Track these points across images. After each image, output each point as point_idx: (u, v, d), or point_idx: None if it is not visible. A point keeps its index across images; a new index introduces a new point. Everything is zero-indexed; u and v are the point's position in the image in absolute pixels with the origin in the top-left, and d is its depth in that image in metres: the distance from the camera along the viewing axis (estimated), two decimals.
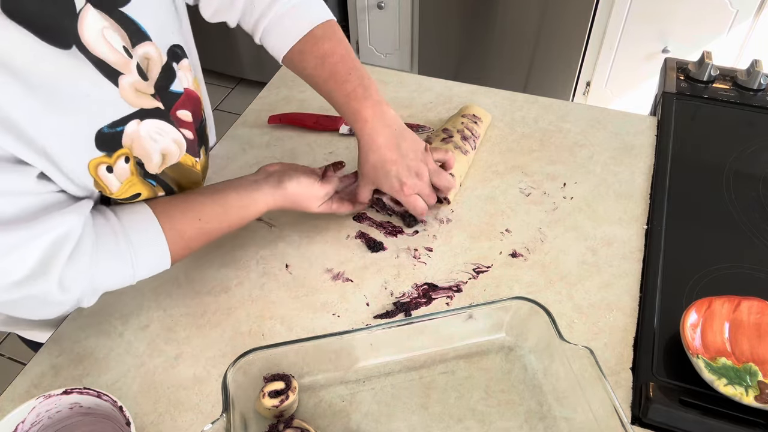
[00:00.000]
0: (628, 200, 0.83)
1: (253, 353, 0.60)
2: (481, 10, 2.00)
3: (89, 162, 0.56)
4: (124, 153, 0.59)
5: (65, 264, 0.55)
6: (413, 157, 0.73)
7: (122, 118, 0.57)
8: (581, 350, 0.59)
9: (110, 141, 0.57)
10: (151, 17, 0.59)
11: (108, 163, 0.57)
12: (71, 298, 0.57)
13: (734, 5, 1.72)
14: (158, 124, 0.61)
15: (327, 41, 0.71)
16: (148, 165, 0.62)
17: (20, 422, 0.56)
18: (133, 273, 0.61)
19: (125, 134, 0.58)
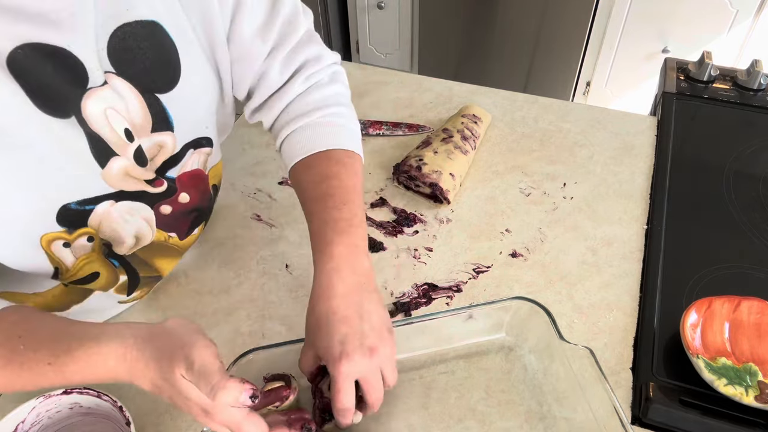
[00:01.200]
0: (628, 200, 0.83)
1: (253, 353, 0.60)
2: (481, 10, 2.00)
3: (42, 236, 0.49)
4: (87, 232, 0.53)
5: None
6: (374, 327, 0.53)
7: (95, 197, 0.51)
8: (581, 350, 0.59)
9: (75, 218, 0.51)
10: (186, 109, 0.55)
11: (66, 240, 0.51)
12: None
13: (734, 5, 1.72)
14: (133, 206, 0.56)
15: (342, 167, 0.61)
16: (118, 247, 0.57)
17: (20, 422, 0.56)
18: None
19: (94, 213, 0.52)
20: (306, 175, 0.62)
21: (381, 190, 0.86)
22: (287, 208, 0.84)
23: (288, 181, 0.88)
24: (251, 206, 0.84)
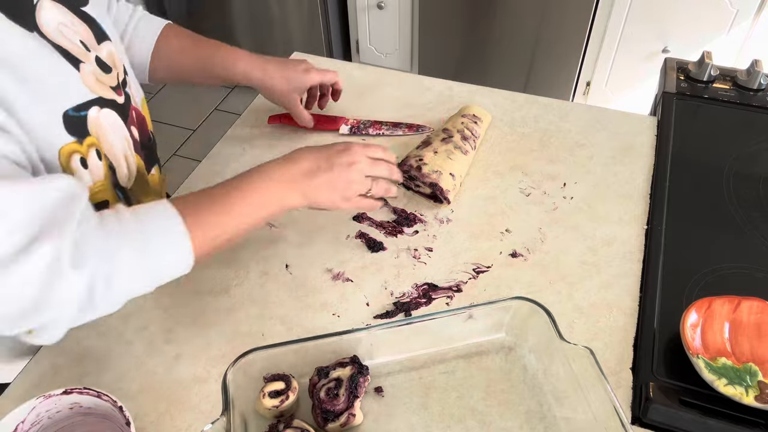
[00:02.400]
0: (628, 200, 0.83)
1: (253, 353, 0.60)
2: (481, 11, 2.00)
3: (61, 147, 0.56)
4: (93, 143, 0.60)
5: (77, 227, 0.49)
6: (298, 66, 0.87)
7: (84, 103, 0.59)
8: (581, 350, 0.59)
9: (77, 125, 0.58)
10: (108, 24, 0.66)
11: (81, 154, 0.58)
12: (83, 277, 0.49)
13: (734, 5, 1.72)
14: (114, 117, 0.64)
15: (180, 29, 0.84)
16: (119, 173, 0.65)
17: (20, 422, 0.56)
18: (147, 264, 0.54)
19: (89, 119, 0.60)
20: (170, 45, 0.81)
21: None
22: None
23: None
24: None
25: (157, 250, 0.54)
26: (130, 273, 0.53)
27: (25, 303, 0.47)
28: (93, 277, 0.50)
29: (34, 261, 0.46)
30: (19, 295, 0.47)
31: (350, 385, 0.60)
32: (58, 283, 0.47)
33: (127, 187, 0.67)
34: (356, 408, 0.60)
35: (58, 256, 0.47)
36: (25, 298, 0.47)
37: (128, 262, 0.52)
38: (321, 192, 0.65)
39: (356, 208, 0.69)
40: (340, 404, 0.59)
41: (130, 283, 0.54)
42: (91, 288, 0.50)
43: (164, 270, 0.56)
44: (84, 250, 0.49)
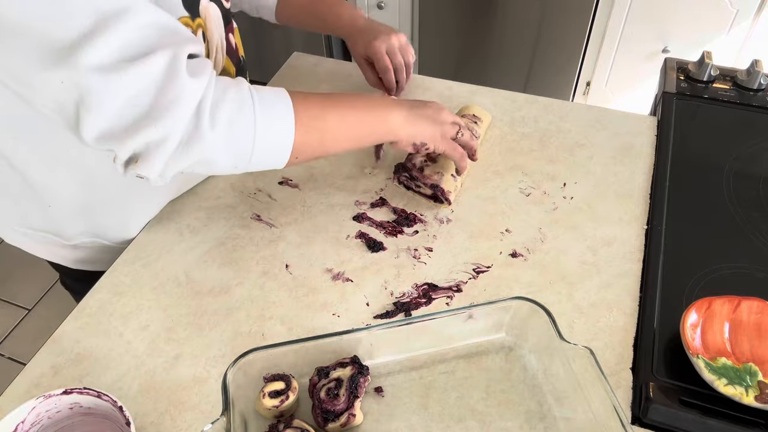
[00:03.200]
0: (628, 200, 0.83)
1: (253, 353, 0.60)
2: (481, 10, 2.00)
3: (178, 18, 0.60)
4: (200, 24, 0.65)
5: (196, 54, 0.56)
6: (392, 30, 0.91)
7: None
8: (581, 350, 0.59)
9: (192, 4, 0.63)
10: None
11: (191, 27, 0.63)
12: (196, 88, 0.54)
13: (734, 5, 1.72)
14: (218, 15, 0.69)
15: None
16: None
17: (20, 422, 0.56)
18: (254, 115, 0.58)
19: (201, 5, 0.65)
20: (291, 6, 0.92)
21: (381, 190, 0.86)
22: (287, 208, 0.84)
23: (289, 182, 0.88)
24: (251, 206, 0.84)
25: (262, 102, 0.59)
26: (235, 112, 0.57)
27: (139, 108, 0.51)
28: (204, 95, 0.54)
29: (155, 62, 0.51)
30: (136, 96, 0.51)
31: (350, 385, 0.60)
32: (173, 83, 0.52)
33: None
34: (356, 408, 0.60)
35: (177, 61, 0.52)
36: (142, 101, 0.51)
37: (235, 100, 0.57)
38: (424, 121, 0.74)
39: (451, 150, 0.77)
40: (340, 404, 0.59)
41: (234, 124, 0.57)
42: (199, 106, 0.54)
43: (267, 128, 0.59)
44: (202, 67, 0.55)
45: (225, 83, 0.58)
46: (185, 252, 0.78)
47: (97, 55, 0.48)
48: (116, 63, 0.49)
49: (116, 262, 0.78)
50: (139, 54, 0.50)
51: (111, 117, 0.51)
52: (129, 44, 0.50)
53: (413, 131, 0.73)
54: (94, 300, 0.73)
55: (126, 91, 0.50)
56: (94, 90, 0.50)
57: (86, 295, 0.74)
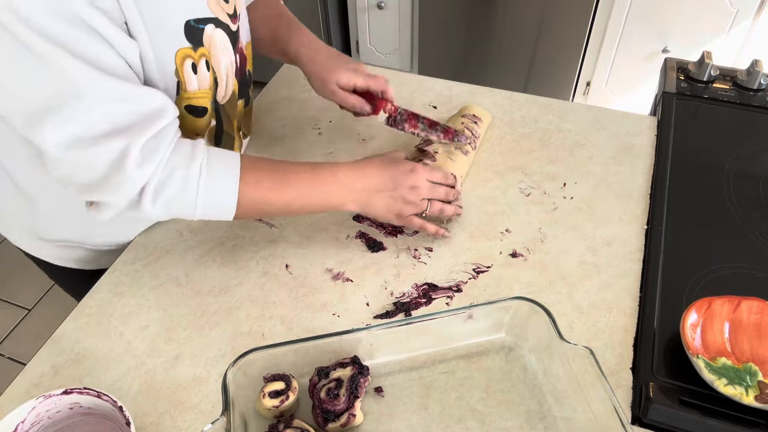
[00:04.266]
0: (628, 200, 0.83)
1: (253, 353, 0.60)
2: (481, 10, 2.00)
3: (178, 50, 0.62)
4: (204, 53, 0.66)
5: (153, 136, 0.58)
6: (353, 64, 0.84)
7: (204, 18, 0.65)
8: (581, 350, 0.59)
9: (194, 34, 0.64)
10: None
11: (193, 59, 0.64)
12: (141, 176, 0.58)
13: (734, 5, 1.72)
14: (225, 39, 0.69)
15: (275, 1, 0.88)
16: (219, 88, 0.70)
17: (20, 422, 0.56)
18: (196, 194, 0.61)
19: (205, 33, 0.65)
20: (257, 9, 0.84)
21: None
22: None
23: None
24: None
25: (206, 187, 0.62)
26: (179, 192, 0.61)
27: (91, 178, 0.57)
28: (149, 180, 0.58)
29: (107, 149, 0.56)
30: (88, 170, 0.57)
31: (351, 386, 0.60)
32: (118, 173, 0.57)
33: (221, 102, 0.73)
34: (357, 408, 0.60)
35: (126, 154, 0.56)
36: (92, 175, 0.57)
37: (181, 182, 0.61)
38: (379, 208, 0.72)
39: (408, 225, 0.75)
40: (340, 404, 0.59)
41: (177, 201, 0.61)
42: (142, 189, 0.59)
43: (208, 204, 0.63)
44: (150, 156, 0.58)
45: (175, 163, 0.60)
46: (185, 252, 0.78)
47: (54, 132, 0.54)
48: (71, 142, 0.54)
49: (116, 262, 0.78)
50: (95, 137, 0.55)
51: (64, 176, 0.58)
52: (85, 127, 0.54)
53: (367, 212, 0.73)
54: (94, 300, 0.73)
55: (78, 165, 0.57)
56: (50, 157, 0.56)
57: (86, 295, 0.74)
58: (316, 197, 0.69)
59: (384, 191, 0.71)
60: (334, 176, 0.70)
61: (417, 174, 0.73)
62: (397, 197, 0.72)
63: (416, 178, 0.72)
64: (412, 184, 0.72)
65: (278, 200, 0.67)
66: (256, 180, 0.65)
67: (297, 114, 1.00)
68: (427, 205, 0.74)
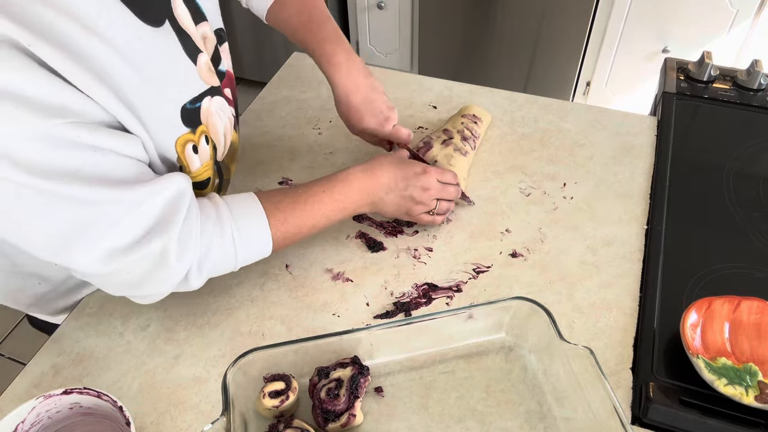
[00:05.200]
0: (628, 200, 0.83)
1: (253, 353, 0.60)
2: (481, 10, 2.00)
3: (177, 138, 0.59)
4: (203, 131, 0.63)
5: (183, 222, 0.57)
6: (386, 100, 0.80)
7: (199, 95, 0.62)
8: (581, 350, 0.59)
9: (192, 116, 0.61)
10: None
11: (193, 142, 0.62)
12: (184, 265, 0.57)
13: (734, 5, 1.72)
14: (220, 101, 0.66)
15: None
16: (219, 150, 0.68)
17: (20, 422, 0.56)
18: (235, 253, 0.62)
19: (202, 110, 0.62)
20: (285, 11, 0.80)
21: None
22: None
23: (288, 182, 0.88)
24: None
25: (243, 243, 0.62)
26: (220, 258, 0.61)
27: (133, 280, 0.56)
28: (191, 263, 0.58)
29: (145, 253, 0.54)
30: (129, 275, 0.56)
31: (351, 386, 0.60)
32: (163, 270, 0.56)
33: (220, 160, 0.71)
34: (357, 408, 0.60)
35: (166, 250, 0.55)
36: (134, 278, 0.56)
37: (219, 249, 0.61)
38: (390, 207, 0.73)
39: (417, 221, 0.77)
40: (340, 404, 0.59)
41: (219, 265, 0.62)
42: (188, 274, 0.59)
43: (248, 256, 0.64)
44: (187, 243, 0.57)
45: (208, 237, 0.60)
46: None
47: (85, 255, 0.52)
48: (106, 256, 0.53)
49: None
50: (129, 244, 0.53)
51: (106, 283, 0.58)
52: (117, 240, 0.53)
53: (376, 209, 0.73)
54: (94, 300, 0.73)
55: (119, 274, 0.55)
56: (87, 275, 0.56)
57: (86, 295, 0.74)
58: (337, 212, 0.69)
59: (394, 190, 0.72)
60: (348, 186, 0.70)
61: (429, 175, 0.74)
62: (406, 197, 0.73)
63: (427, 180, 0.73)
64: (424, 185, 0.73)
65: (305, 227, 0.67)
66: (283, 219, 0.65)
67: (297, 114, 1.00)
68: (436, 204, 0.75)
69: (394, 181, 0.72)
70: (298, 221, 0.66)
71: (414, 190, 0.73)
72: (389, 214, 0.75)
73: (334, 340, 0.62)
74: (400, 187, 0.72)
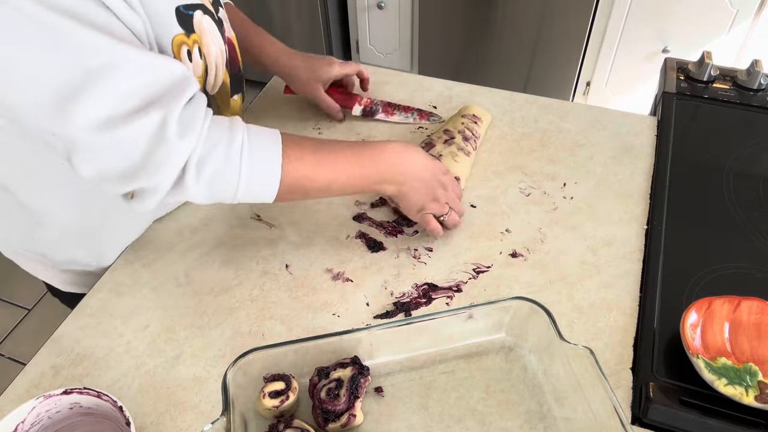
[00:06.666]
0: (628, 200, 0.83)
1: (253, 353, 0.60)
2: (481, 10, 2.00)
3: (174, 36, 0.60)
4: (196, 40, 0.63)
5: (186, 105, 0.55)
6: None
7: (191, 4, 0.63)
8: (581, 350, 0.59)
9: (185, 20, 0.62)
10: None
11: (188, 46, 0.62)
12: (184, 147, 0.55)
13: (734, 5, 1.72)
14: (213, 26, 0.67)
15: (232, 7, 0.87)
16: (209, 77, 0.68)
17: (20, 422, 0.56)
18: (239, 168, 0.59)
19: (195, 19, 0.63)
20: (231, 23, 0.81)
21: None
22: (287, 208, 0.84)
23: None
24: (251, 206, 0.84)
25: (250, 160, 0.59)
26: (222, 166, 0.58)
27: (130, 162, 0.53)
28: (191, 154, 0.56)
29: (144, 124, 0.52)
30: (126, 153, 0.53)
31: (351, 386, 0.60)
32: (160, 147, 0.53)
33: (210, 93, 0.70)
34: (357, 408, 0.60)
35: (165, 124, 0.53)
36: (132, 156, 0.53)
37: (224, 156, 0.58)
38: (413, 193, 0.71)
39: (424, 223, 0.75)
40: (340, 404, 0.59)
41: (219, 176, 0.58)
42: (186, 164, 0.56)
43: (251, 182, 0.60)
44: (189, 125, 0.55)
45: (215, 138, 0.58)
46: (185, 252, 0.78)
47: (86, 113, 0.50)
48: (105, 122, 0.51)
49: (116, 262, 0.78)
50: (128, 113, 0.51)
51: (101, 167, 0.54)
52: (117, 103, 0.51)
53: (401, 198, 0.72)
54: (94, 300, 0.74)
55: (115, 149, 0.52)
56: (83, 146, 0.52)
57: (86, 295, 0.74)
58: (358, 176, 0.67)
59: (421, 181, 0.71)
60: (380, 155, 0.68)
61: (450, 177, 0.75)
62: (429, 191, 0.72)
63: (449, 180, 0.75)
64: (446, 183, 0.74)
65: (321, 179, 0.64)
66: (299, 156, 0.62)
67: (297, 114, 1.00)
68: (448, 211, 0.75)
69: (424, 171, 0.71)
70: (314, 165, 0.63)
71: (437, 184, 0.73)
72: (409, 203, 0.72)
73: (334, 340, 0.62)
74: (425, 178, 0.71)
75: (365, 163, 0.67)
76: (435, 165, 0.73)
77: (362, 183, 0.68)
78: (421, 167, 0.71)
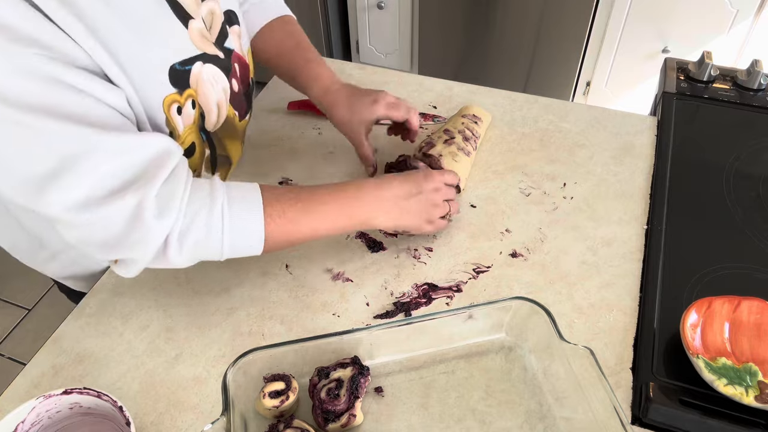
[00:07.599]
0: (628, 200, 0.83)
1: (253, 353, 0.60)
2: (481, 10, 2.00)
3: (164, 97, 0.59)
4: (191, 94, 0.63)
5: (165, 181, 0.55)
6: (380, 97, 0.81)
7: (190, 58, 0.62)
8: (581, 350, 0.59)
9: (181, 78, 0.61)
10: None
11: (179, 103, 0.61)
12: (162, 227, 0.55)
13: (734, 5, 1.72)
14: (215, 70, 0.67)
15: (293, 25, 0.86)
16: (208, 120, 0.68)
17: (20, 422, 0.56)
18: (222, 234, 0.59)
19: (192, 74, 0.63)
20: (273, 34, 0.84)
21: None
22: None
23: (288, 182, 0.88)
24: None
25: (232, 225, 0.59)
26: (204, 235, 0.58)
27: (111, 235, 0.54)
28: (171, 230, 0.56)
29: (120, 206, 0.53)
30: (105, 228, 0.54)
31: (351, 386, 0.60)
32: (138, 228, 0.54)
33: (211, 131, 0.70)
34: (357, 408, 0.60)
35: (141, 206, 0.53)
36: (111, 232, 0.54)
37: (205, 225, 0.58)
38: (409, 215, 0.71)
39: (436, 229, 0.75)
40: (341, 404, 0.59)
41: (202, 244, 0.59)
42: (166, 239, 0.56)
43: (235, 245, 0.61)
44: (168, 203, 0.55)
45: (195, 207, 0.57)
46: None
47: (63, 196, 0.51)
48: (82, 203, 0.52)
49: None
50: (105, 195, 0.52)
51: (82, 238, 0.55)
52: (94, 184, 0.52)
53: (399, 224, 0.71)
54: (94, 300, 0.74)
55: (94, 225, 0.53)
56: (62, 222, 0.54)
57: (86, 295, 0.74)
58: (342, 219, 0.66)
59: (412, 197, 0.70)
60: (357, 192, 0.68)
61: (433, 177, 0.73)
62: (424, 201, 0.71)
63: (434, 181, 0.73)
64: (434, 186, 0.72)
65: (304, 230, 0.64)
66: (280, 213, 0.62)
67: (297, 114, 1.00)
68: (449, 207, 0.75)
69: (408, 188, 0.70)
70: (296, 218, 0.63)
71: (427, 194, 0.71)
72: (412, 226, 0.72)
73: (334, 340, 0.62)
74: (414, 193, 0.70)
75: (346, 206, 0.67)
76: (414, 179, 0.71)
77: (347, 223, 0.67)
78: (402, 188, 0.70)
